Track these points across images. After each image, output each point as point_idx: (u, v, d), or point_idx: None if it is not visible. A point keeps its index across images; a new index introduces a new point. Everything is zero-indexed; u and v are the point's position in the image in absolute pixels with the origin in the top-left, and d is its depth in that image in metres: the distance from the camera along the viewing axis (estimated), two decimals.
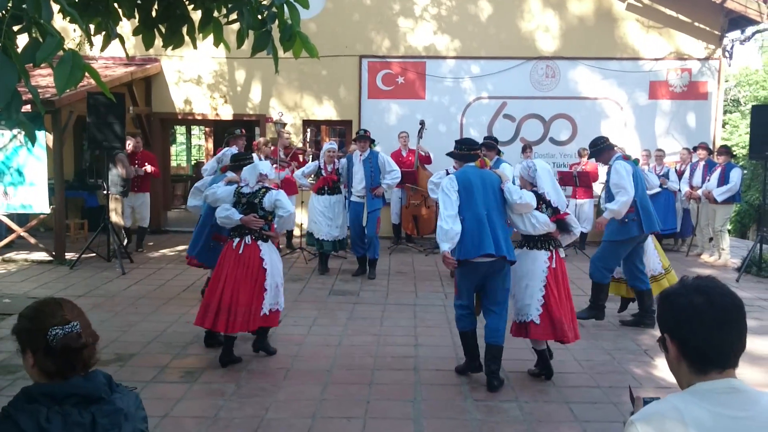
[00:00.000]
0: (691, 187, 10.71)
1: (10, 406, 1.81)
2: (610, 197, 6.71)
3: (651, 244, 6.97)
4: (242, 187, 5.72)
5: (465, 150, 5.35)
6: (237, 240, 5.53)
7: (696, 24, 12.07)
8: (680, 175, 11.18)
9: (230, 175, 6.23)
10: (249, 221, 5.50)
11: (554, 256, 5.18)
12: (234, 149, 7.89)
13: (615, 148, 6.98)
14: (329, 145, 9.28)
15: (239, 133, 8.49)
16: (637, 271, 6.73)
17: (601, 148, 6.86)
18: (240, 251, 5.47)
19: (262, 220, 5.53)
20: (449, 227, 4.92)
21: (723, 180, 10.02)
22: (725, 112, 25.67)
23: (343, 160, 9.10)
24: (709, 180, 10.25)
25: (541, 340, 5.21)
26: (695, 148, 11.00)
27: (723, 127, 24.45)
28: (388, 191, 9.48)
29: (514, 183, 5.49)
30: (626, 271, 6.86)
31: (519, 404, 4.77)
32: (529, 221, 5.13)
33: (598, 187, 11.72)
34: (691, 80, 12.15)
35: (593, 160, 8.68)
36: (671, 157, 11.67)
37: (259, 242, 5.54)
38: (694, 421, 1.56)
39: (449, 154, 5.53)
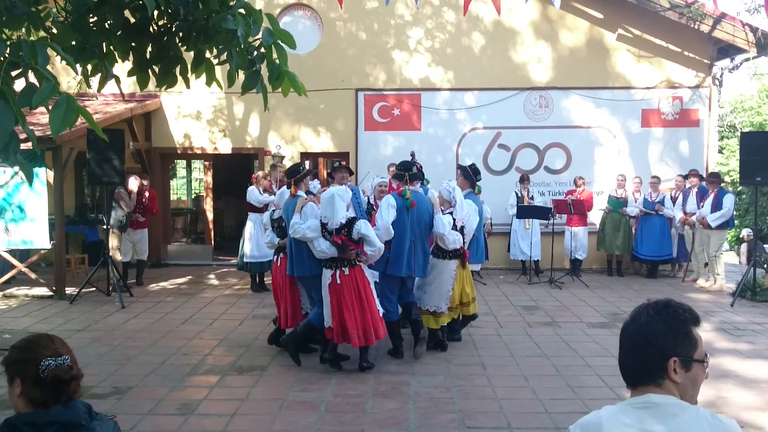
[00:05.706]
0: (685, 213, 10.84)
1: None
2: None
3: (450, 281, 6.80)
4: None
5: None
6: None
7: (686, 53, 12.29)
8: (674, 201, 11.31)
9: None
10: None
11: (336, 274, 6.01)
12: None
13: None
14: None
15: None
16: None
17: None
18: None
19: None
20: None
21: (716, 206, 10.13)
22: (722, 138, 25.91)
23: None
24: (702, 206, 10.37)
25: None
26: (686, 176, 11.16)
27: (720, 152, 24.63)
28: None
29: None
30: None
31: (510, 430, 4.81)
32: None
33: (594, 216, 11.86)
34: (683, 108, 12.32)
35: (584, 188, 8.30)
36: (666, 183, 11.81)
37: None
38: None
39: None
